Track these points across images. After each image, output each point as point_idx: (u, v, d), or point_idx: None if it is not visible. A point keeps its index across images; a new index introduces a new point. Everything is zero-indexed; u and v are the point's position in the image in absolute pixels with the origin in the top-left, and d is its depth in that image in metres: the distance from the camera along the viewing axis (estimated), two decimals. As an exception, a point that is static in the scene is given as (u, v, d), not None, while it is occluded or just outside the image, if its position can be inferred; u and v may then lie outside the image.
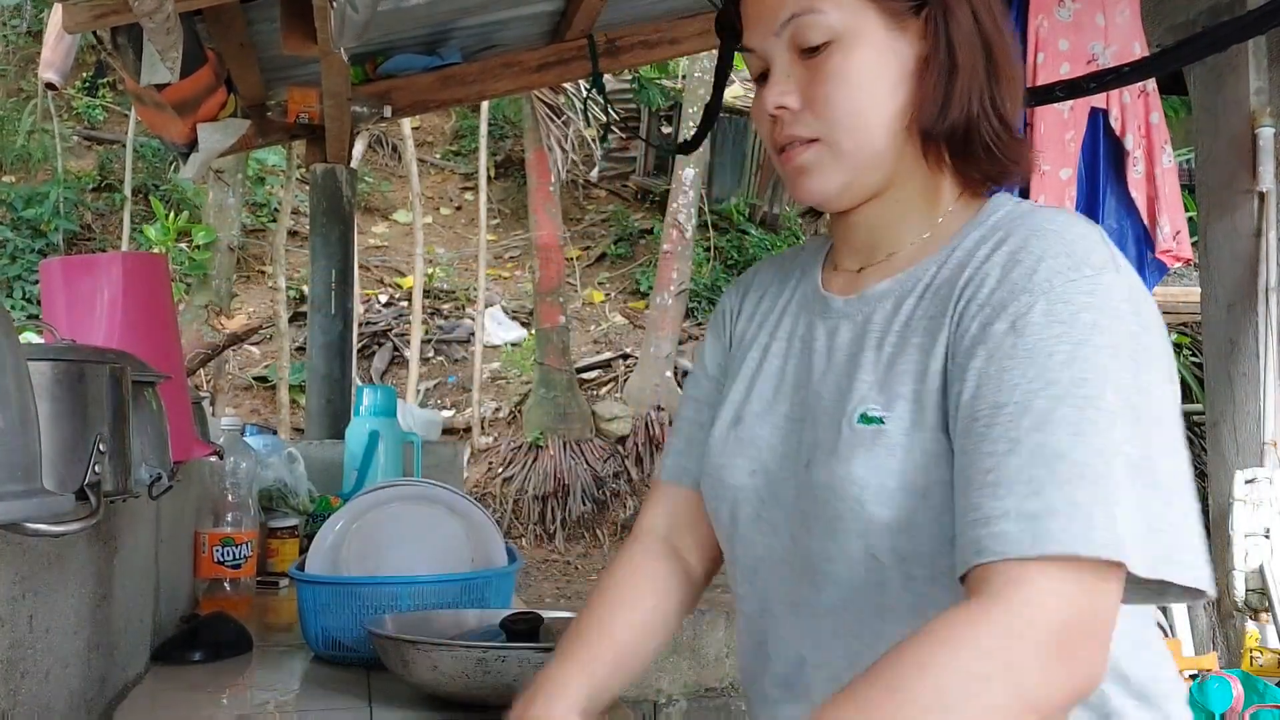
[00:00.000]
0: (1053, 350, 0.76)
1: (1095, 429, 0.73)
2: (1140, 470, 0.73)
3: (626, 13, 3.91)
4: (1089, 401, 0.74)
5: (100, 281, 1.43)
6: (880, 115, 0.88)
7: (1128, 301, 0.78)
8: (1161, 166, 3.57)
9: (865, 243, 0.95)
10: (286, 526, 2.25)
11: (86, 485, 0.89)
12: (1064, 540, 0.70)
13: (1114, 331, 0.77)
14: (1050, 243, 0.81)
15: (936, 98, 0.87)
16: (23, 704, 0.99)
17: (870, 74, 0.87)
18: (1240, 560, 3.47)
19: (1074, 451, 0.73)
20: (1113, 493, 0.72)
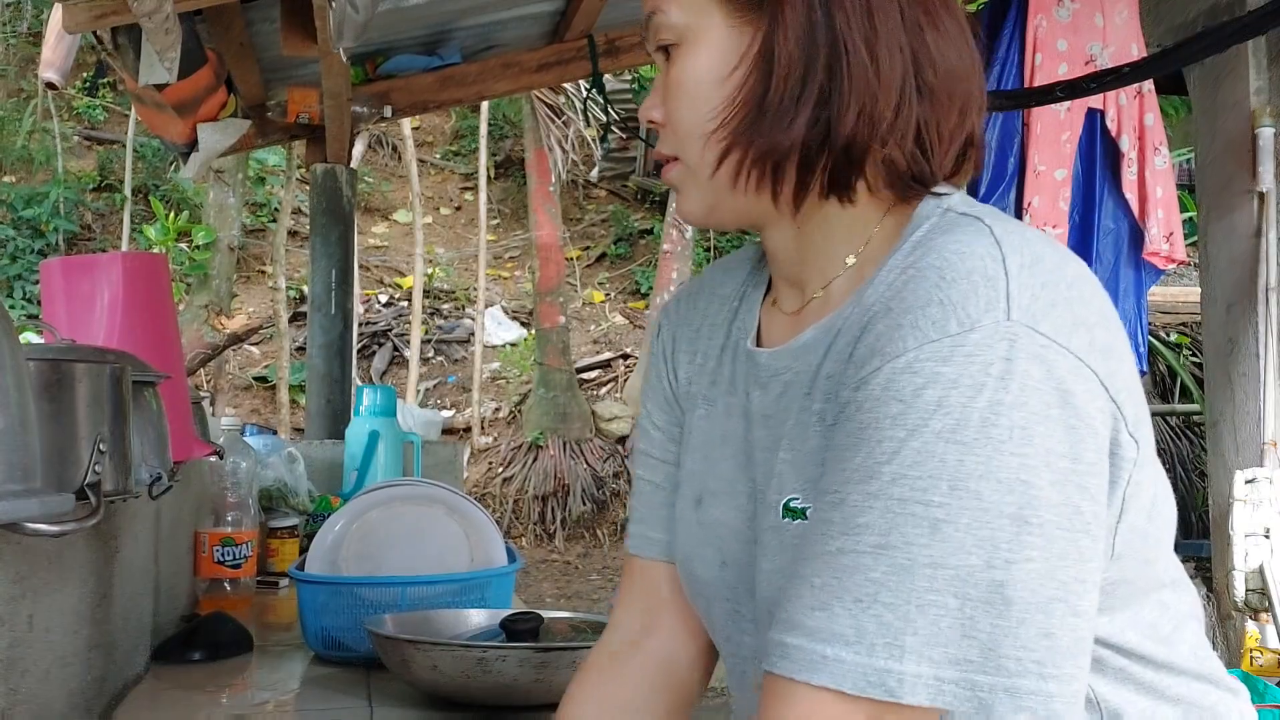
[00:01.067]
0: (883, 435, 0.63)
1: (904, 539, 0.61)
2: (972, 585, 0.60)
3: (626, 13, 3.91)
4: (905, 505, 0.61)
5: (100, 281, 1.43)
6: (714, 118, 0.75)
7: (1001, 363, 0.61)
8: (1154, 168, 3.58)
9: (792, 274, 0.81)
10: (286, 526, 2.25)
11: (86, 485, 0.89)
12: (834, 672, 0.61)
13: (965, 410, 0.61)
14: (925, 286, 0.65)
15: (747, 105, 0.73)
16: (22, 703, 0.99)
17: (707, 80, 0.75)
18: (1240, 560, 3.47)
19: (873, 567, 0.61)
20: (911, 618, 0.60)
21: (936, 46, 0.73)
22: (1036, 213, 3.59)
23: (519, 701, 1.27)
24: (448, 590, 1.55)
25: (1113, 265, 3.75)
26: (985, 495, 0.60)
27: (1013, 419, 0.61)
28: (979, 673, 0.60)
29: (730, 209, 0.78)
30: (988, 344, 0.62)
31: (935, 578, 0.60)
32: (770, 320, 0.84)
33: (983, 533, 0.60)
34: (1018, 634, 0.60)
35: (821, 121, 0.72)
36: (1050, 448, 0.61)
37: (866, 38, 0.71)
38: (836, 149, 0.72)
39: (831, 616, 0.62)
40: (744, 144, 0.74)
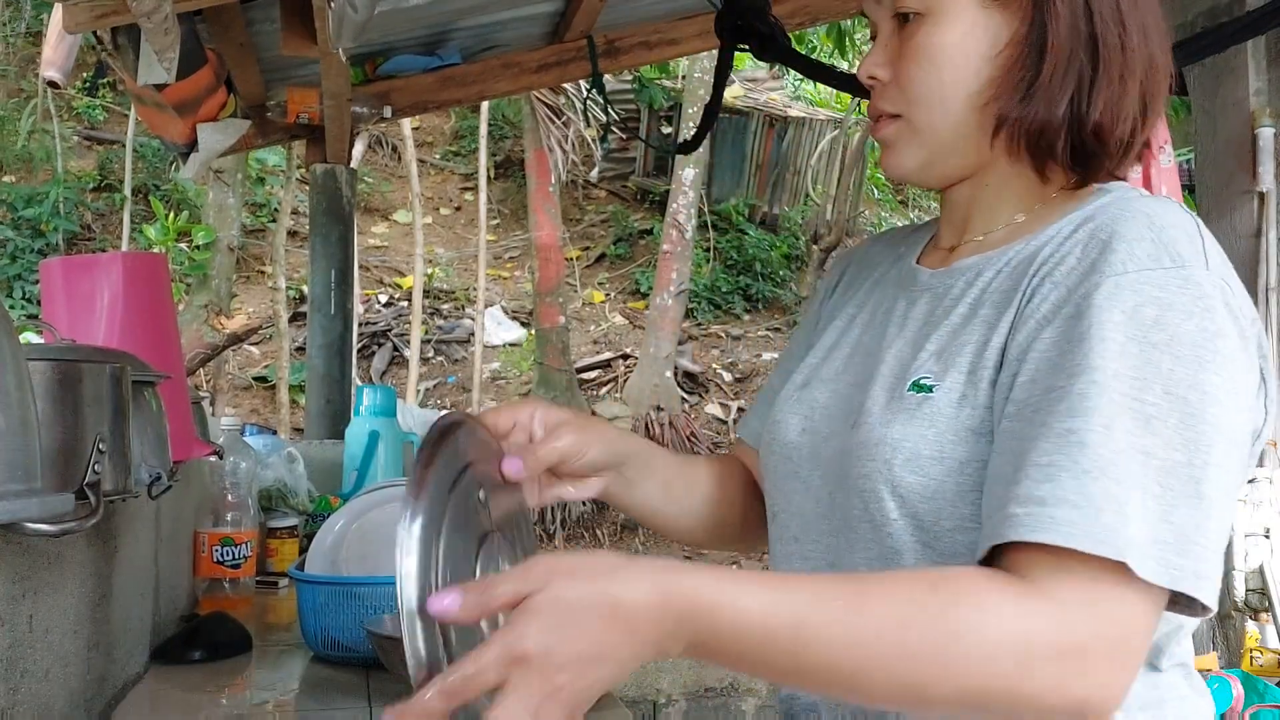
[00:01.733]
0: (1106, 337, 0.72)
1: (1129, 425, 0.70)
2: (1176, 477, 0.69)
3: (626, 13, 3.92)
4: (1129, 396, 0.70)
5: (100, 281, 1.43)
6: (960, 96, 0.84)
7: (1204, 300, 0.73)
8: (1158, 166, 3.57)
9: (960, 220, 0.92)
10: (286, 526, 2.24)
11: (86, 485, 0.89)
12: (1064, 531, 0.68)
13: (1179, 329, 0.72)
14: (1136, 227, 0.76)
15: (1018, 84, 0.83)
16: (22, 703, 0.99)
17: (955, 53, 0.84)
18: (1240, 560, 3.47)
19: (1102, 445, 0.69)
20: (1132, 494, 0.68)
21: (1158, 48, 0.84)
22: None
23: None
24: (447, 590, 1.54)
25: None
26: (1192, 402, 0.71)
27: (1216, 346, 0.72)
28: (1174, 554, 0.68)
29: (943, 166, 0.89)
30: (1196, 282, 0.74)
31: (1147, 465, 0.69)
32: (928, 254, 0.97)
33: (1188, 434, 0.70)
34: (1204, 526, 0.70)
35: (1079, 104, 0.82)
36: (1239, 377, 0.73)
37: (1119, 33, 0.82)
38: (1087, 130, 0.83)
39: (1059, 486, 0.69)
40: (1015, 118, 0.83)
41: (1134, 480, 0.68)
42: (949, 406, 0.80)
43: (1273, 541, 3.41)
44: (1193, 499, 0.69)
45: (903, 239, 1.04)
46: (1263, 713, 2.93)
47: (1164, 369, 0.71)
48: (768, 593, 0.68)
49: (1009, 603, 0.68)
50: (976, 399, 0.80)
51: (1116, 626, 0.69)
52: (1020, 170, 0.87)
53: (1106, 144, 0.83)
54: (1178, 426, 0.70)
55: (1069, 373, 0.73)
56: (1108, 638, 0.68)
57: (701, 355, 9.54)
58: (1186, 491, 0.69)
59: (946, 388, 0.81)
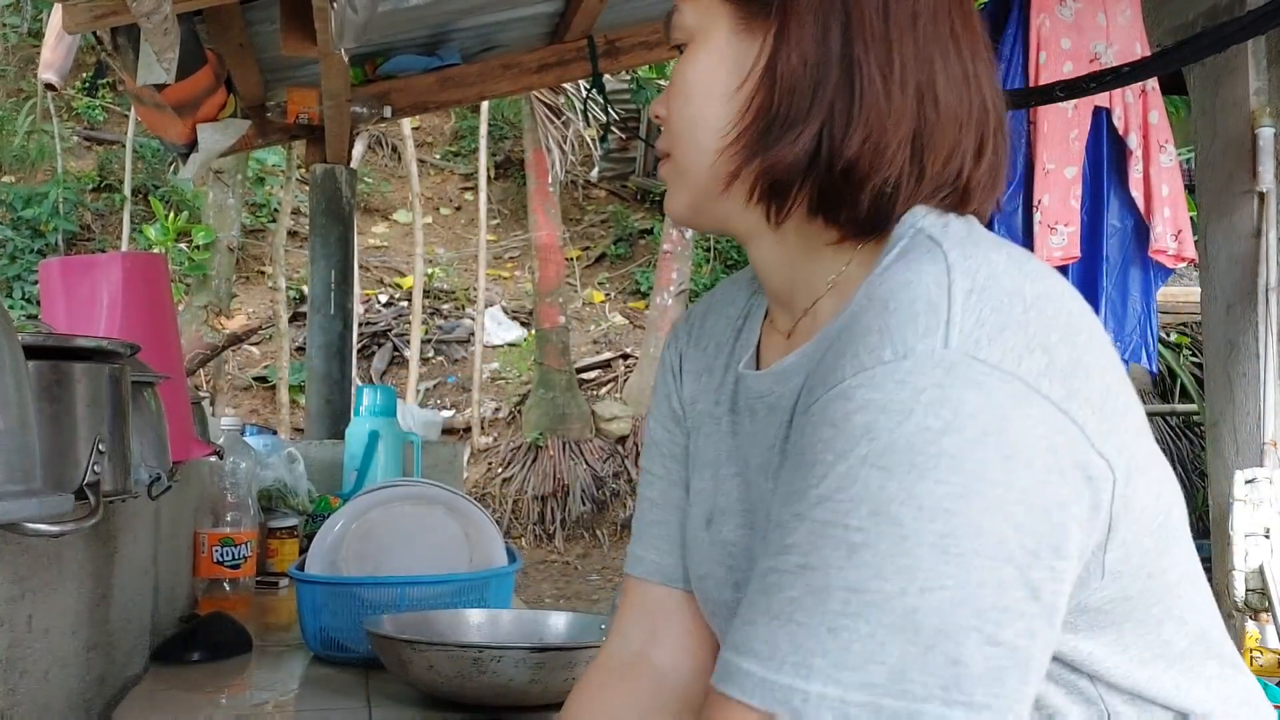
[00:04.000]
0: (814, 460, 0.62)
1: (823, 560, 0.60)
2: (885, 610, 0.59)
3: (626, 14, 3.92)
4: (826, 527, 0.61)
5: (100, 281, 1.43)
6: (708, 134, 0.75)
7: (934, 389, 0.60)
8: (1159, 166, 3.57)
9: (781, 291, 0.80)
10: (286, 526, 2.24)
11: (86, 485, 0.89)
12: (742, 684, 0.61)
13: (891, 436, 0.60)
14: (871, 316, 0.64)
15: (755, 123, 0.73)
16: (21, 703, 0.99)
17: (701, 85, 0.75)
18: (1240, 560, 3.47)
19: (792, 585, 0.61)
20: (822, 639, 0.59)
21: (944, 88, 0.73)
22: (1047, 211, 3.59)
23: (515, 702, 1.27)
24: (447, 590, 1.55)
25: (1120, 265, 3.74)
26: (906, 521, 0.59)
27: (941, 446, 0.59)
28: (885, 696, 0.58)
29: (712, 214, 0.79)
30: (920, 371, 0.61)
31: (849, 601, 0.59)
32: (768, 340, 0.84)
33: (901, 560, 0.59)
34: (925, 660, 0.59)
35: (826, 142, 0.71)
36: (981, 475, 0.59)
37: (882, 67, 0.71)
38: (836, 171, 0.72)
39: (753, 632, 0.62)
40: (751, 160, 0.74)
41: (828, 623, 0.59)
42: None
43: (1273, 541, 3.41)
44: (907, 632, 0.58)
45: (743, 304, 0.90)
46: (1263, 713, 2.93)
47: (872, 487, 0.60)
48: None
49: None
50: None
51: None
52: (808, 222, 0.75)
53: (860, 190, 0.72)
54: (888, 552, 0.59)
55: (781, 502, 0.65)
56: None
57: (701, 355, 9.54)
58: (900, 625, 0.59)
59: None
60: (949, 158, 0.73)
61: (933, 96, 0.72)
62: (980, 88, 0.75)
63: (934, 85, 0.72)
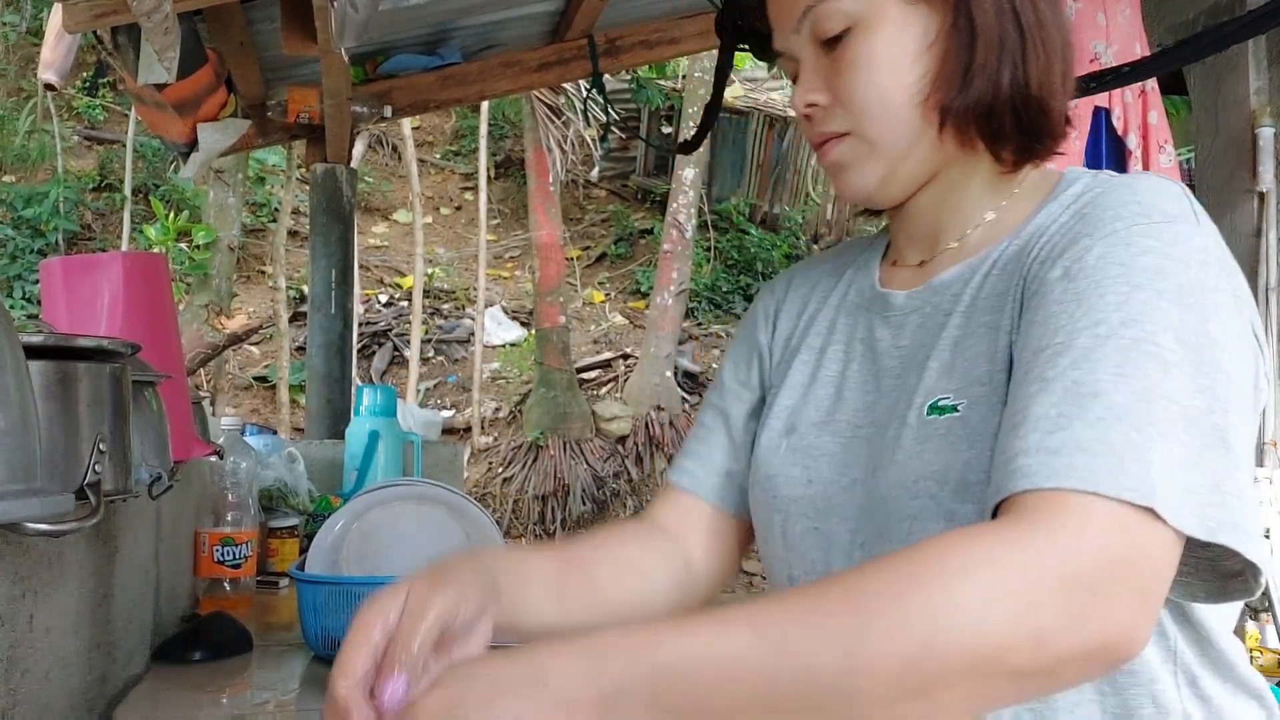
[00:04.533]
0: (1105, 291, 0.69)
1: (1143, 371, 0.65)
2: (1200, 426, 0.65)
3: (626, 13, 3.92)
4: (1138, 343, 0.66)
5: (100, 281, 1.43)
6: (907, 99, 0.82)
7: (1201, 253, 0.71)
8: (1159, 166, 3.57)
9: (926, 233, 0.89)
10: (286, 526, 2.25)
11: (86, 485, 0.89)
12: (1084, 476, 0.61)
13: (1179, 278, 0.69)
14: (1119, 194, 0.75)
15: (955, 71, 0.81)
16: (23, 703, 0.99)
17: (889, 55, 0.82)
18: (1240, 560, 3.47)
19: (1114, 392, 0.64)
20: (1155, 440, 0.63)
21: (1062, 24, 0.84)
22: (1040, 212, 3.60)
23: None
24: (448, 590, 1.54)
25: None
26: (1204, 351, 0.67)
27: (1216, 298, 0.70)
28: (1208, 504, 0.63)
29: (903, 176, 0.85)
30: (1190, 234, 0.72)
31: (1170, 410, 0.64)
32: (891, 275, 0.92)
33: (1204, 381, 0.66)
34: (1235, 477, 0.65)
35: (1020, 77, 0.82)
36: (1242, 330, 0.71)
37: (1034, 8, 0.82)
38: (1033, 100, 0.82)
39: (1073, 434, 0.64)
40: (959, 105, 0.82)
41: (1157, 427, 0.63)
42: (979, 423, 0.75)
43: (1273, 541, 3.41)
44: (1220, 448, 0.65)
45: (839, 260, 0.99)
46: (1263, 712, 2.93)
47: (1172, 317, 0.67)
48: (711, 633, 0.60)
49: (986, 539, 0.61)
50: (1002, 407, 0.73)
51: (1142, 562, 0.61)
52: (976, 163, 0.86)
53: (1050, 115, 0.83)
54: (1193, 374, 0.66)
55: (1070, 329, 0.69)
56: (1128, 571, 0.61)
57: (701, 355, 9.54)
58: (1213, 440, 0.65)
59: (971, 404, 0.76)
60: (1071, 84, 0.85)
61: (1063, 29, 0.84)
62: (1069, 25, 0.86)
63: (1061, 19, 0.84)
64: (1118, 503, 0.61)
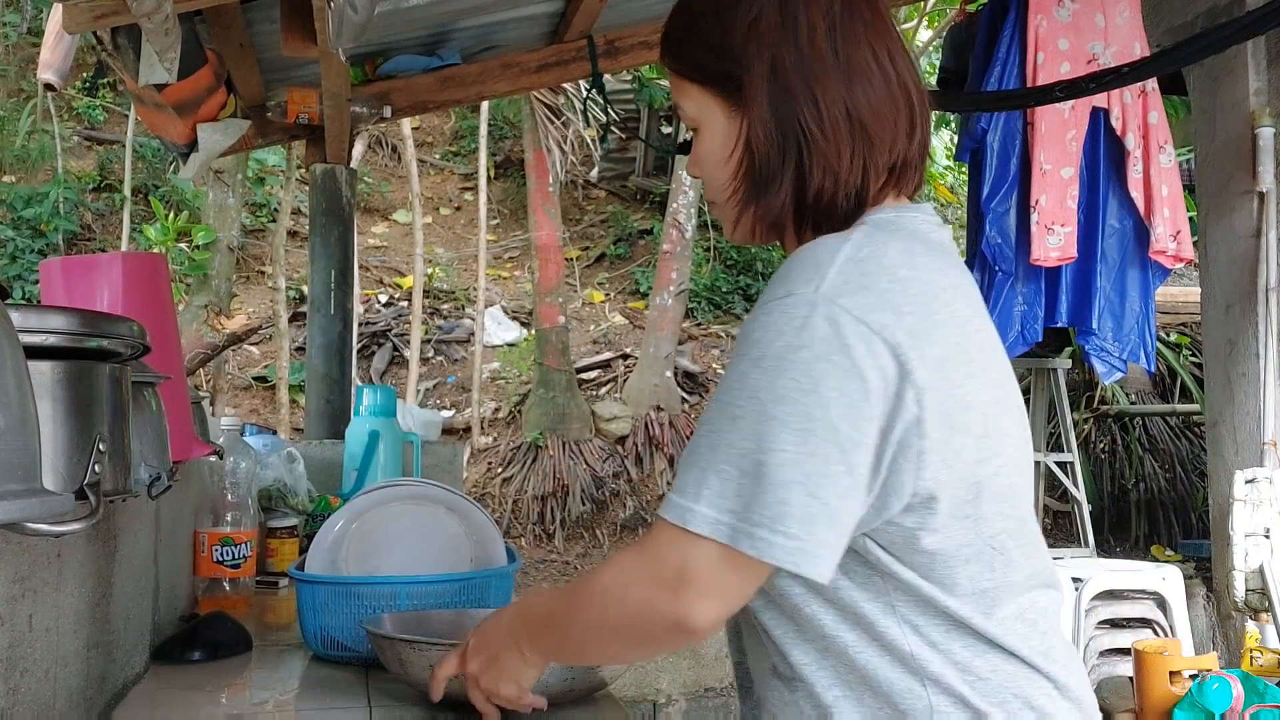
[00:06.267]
0: (729, 364, 0.92)
1: (715, 427, 0.90)
2: (745, 460, 0.87)
3: (626, 13, 3.92)
4: (721, 406, 0.90)
5: (100, 281, 1.43)
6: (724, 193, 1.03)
7: (801, 319, 0.88)
8: (1159, 166, 3.57)
9: None
10: (286, 526, 2.25)
11: (86, 485, 0.89)
12: (665, 508, 0.91)
13: (769, 347, 0.89)
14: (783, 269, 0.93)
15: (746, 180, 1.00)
16: (22, 703, 0.99)
17: (710, 158, 1.03)
18: (1240, 560, 3.47)
19: (698, 444, 0.91)
20: (708, 476, 0.89)
21: (867, 96, 0.97)
22: (1044, 211, 3.58)
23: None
24: (448, 590, 1.55)
25: (1119, 264, 3.73)
26: (766, 403, 0.88)
27: (799, 356, 0.88)
28: (737, 520, 0.87)
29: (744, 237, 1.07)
30: (795, 306, 0.90)
31: (728, 454, 0.89)
32: None
33: (759, 428, 0.88)
34: (763, 499, 0.87)
35: (799, 184, 0.98)
36: (822, 380, 0.87)
37: (815, 116, 0.97)
38: (810, 201, 0.98)
39: (677, 479, 0.93)
40: (748, 208, 1.02)
41: (714, 468, 0.89)
42: None
43: (1273, 541, 3.41)
44: (756, 479, 0.87)
45: None
46: (1263, 713, 2.94)
47: (750, 380, 0.89)
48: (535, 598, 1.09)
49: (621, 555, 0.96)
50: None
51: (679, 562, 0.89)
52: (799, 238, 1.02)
53: (834, 207, 0.98)
54: (753, 423, 0.88)
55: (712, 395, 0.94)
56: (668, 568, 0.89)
57: (701, 355, 9.54)
58: (753, 473, 0.87)
59: None
60: (891, 147, 0.99)
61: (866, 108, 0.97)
62: (899, 75, 0.99)
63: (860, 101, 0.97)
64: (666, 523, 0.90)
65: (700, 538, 0.88)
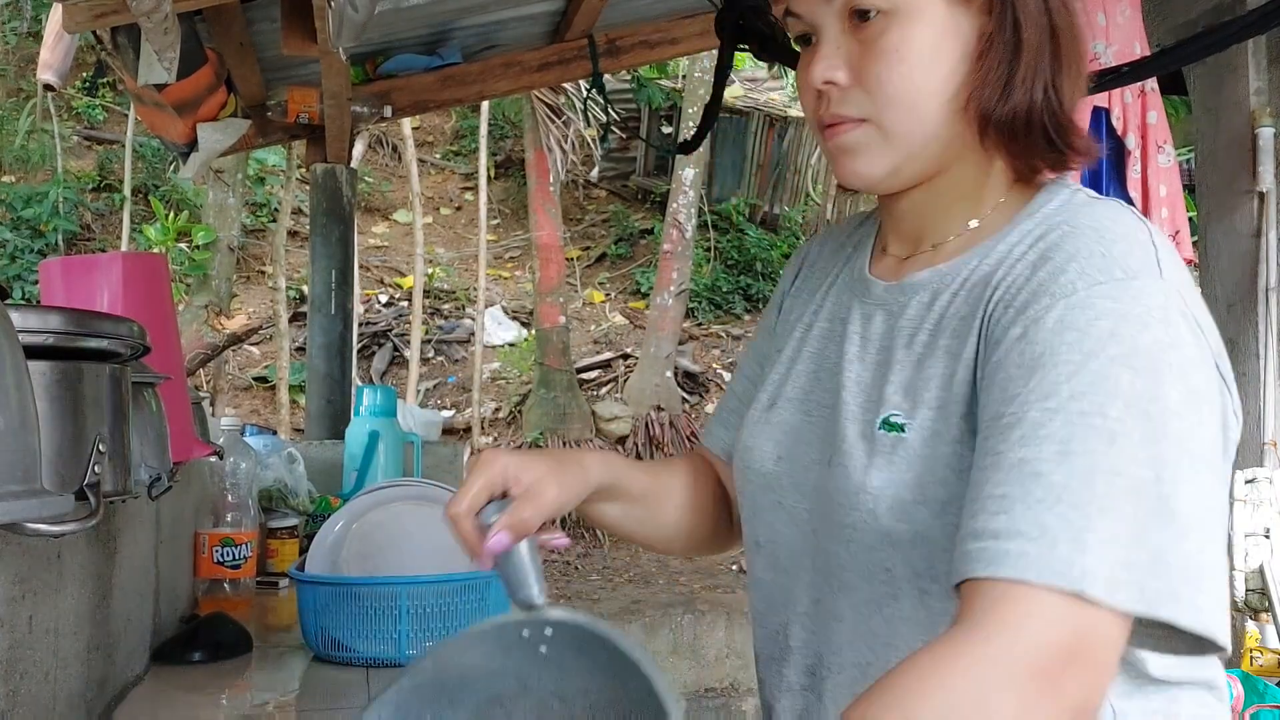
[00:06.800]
0: (1059, 360, 0.69)
1: (1087, 447, 0.66)
2: (1144, 497, 0.66)
3: (627, 13, 3.91)
4: (1085, 417, 0.67)
5: (100, 281, 1.43)
6: (937, 97, 0.81)
7: (1161, 310, 0.70)
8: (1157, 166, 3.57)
9: (910, 230, 0.90)
10: (286, 526, 2.24)
11: (86, 485, 0.88)
12: (1017, 564, 0.65)
13: (1134, 341, 0.69)
14: (1086, 241, 0.74)
15: (998, 80, 0.81)
16: (22, 704, 0.99)
17: (929, 53, 0.81)
18: (1240, 560, 3.47)
19: (1055, 471, 0.66)
20: (1094, 519, 0.65)
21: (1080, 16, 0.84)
22: (1040, 212, 3.59)
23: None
24: (448, 590, 1.54)
25: (1115, 265, 3.75)
26: (1155, 416, 0.67)
27: (1173, 357, 0.69)
28: (1148, 576, 0.65)
29: (909, 170, 0.85)
30: (1149, 292, 0.71)
31: (1114, 484, 0.65)
32: (878, 261, 0.93)
33: (1154, 449, 0.67)
34: (1180, 546, 0.66)
35: (1053, 92, 0.82)
36: (1202, 390, 0.70)
37: (1071, 21, 0.83)
38: (1064, 114, 0.82)
39: (1013, 518, 0.66)
40: (998, 115, 0.82)
41: (1097, 504, 0.65)
42: (922, 446, 0.78)
43: (1273, 541, 3.41)
44: (1164, 517, 0.66)
45: (848, 236, 1.01)
46: (1263, 713, 2.93)
47: (1123, 384, 0.68)
48: None
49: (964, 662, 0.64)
50: (949, 434, 0.77)
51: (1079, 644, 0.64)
52: (980, 168, 0.85)
53: (1076, 130, 0.84)
54: (1142, 442, 0.67)
55: (1023, 400, 0.70)
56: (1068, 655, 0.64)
57: (701, 355, 9.54)
58: (1157, 510, 0.66)
59: (918, 426, 0.79)
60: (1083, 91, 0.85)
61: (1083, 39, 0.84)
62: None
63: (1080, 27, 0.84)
64: (1047, 590, 0.64)
65: (1098, 606, 0.64)
